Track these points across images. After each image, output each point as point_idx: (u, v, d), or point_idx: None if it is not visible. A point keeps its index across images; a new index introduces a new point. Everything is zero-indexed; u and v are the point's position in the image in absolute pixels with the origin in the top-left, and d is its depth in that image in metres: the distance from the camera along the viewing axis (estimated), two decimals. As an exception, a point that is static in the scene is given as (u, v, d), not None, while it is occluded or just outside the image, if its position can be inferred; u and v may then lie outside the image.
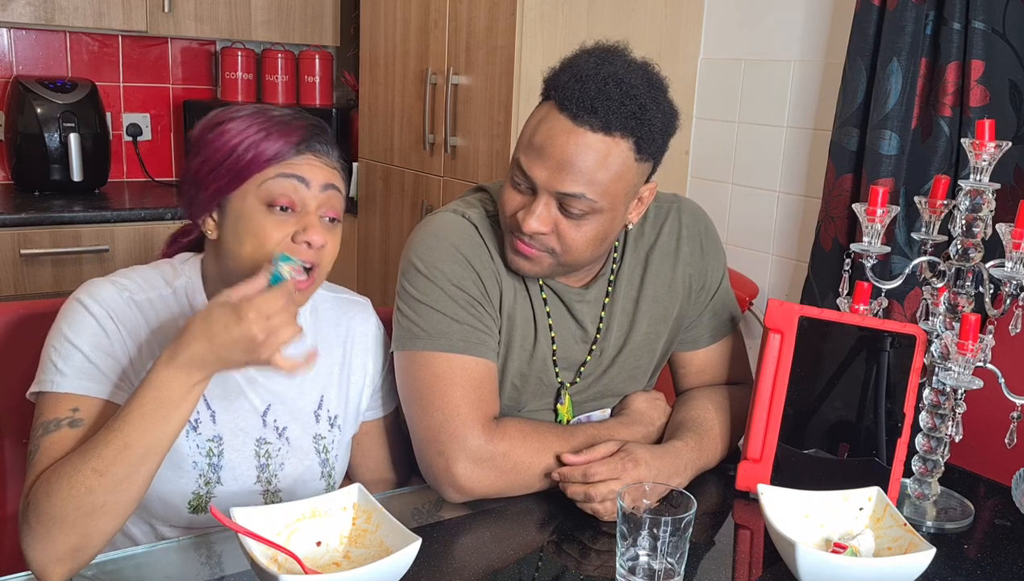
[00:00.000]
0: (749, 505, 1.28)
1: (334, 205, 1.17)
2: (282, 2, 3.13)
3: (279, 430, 1.23)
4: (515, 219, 1.22)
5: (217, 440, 1.18)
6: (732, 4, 2.55)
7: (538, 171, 1.18)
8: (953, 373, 1.17)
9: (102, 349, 1.10)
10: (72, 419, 1.06)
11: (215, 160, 1.14)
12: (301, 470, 1.25)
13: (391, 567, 0.95)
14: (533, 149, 1.19)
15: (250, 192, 1.13)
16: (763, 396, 1.29)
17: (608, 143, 1.17)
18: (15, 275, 2.56)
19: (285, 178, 1.13)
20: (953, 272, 1.22)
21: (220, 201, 1.15)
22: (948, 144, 1.92)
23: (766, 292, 2.50)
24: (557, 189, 1.18)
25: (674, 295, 1.41)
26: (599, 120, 1.16)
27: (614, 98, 1.16)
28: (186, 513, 1.18)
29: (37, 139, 2.79)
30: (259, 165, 1.13)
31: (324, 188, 1.15)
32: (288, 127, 1.15)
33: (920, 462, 1.27)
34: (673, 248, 1.40)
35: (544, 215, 1.19)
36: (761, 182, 2.52)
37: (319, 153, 1.17)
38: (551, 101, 1.20)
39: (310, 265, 1.13)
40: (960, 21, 1.86)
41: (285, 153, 1.14)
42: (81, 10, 2.79)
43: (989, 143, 1.18)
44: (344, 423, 1.31)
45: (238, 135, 1.14)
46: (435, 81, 2.61)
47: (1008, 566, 1.15)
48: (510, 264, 1.28)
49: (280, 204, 1.12)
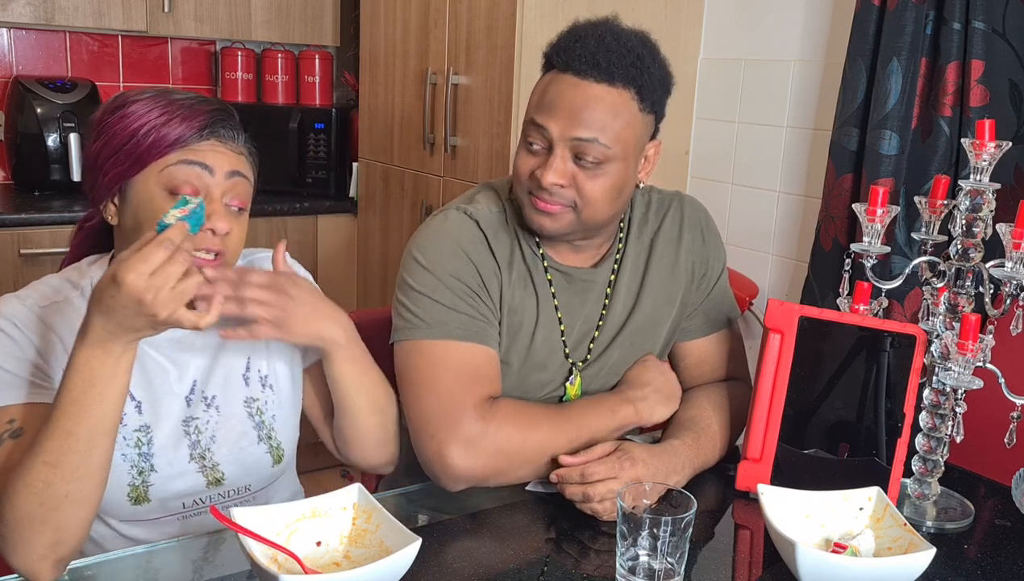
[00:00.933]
0: (749, 505, 1.28)
1: (239, 193, 1.15)
2: (282, 2, 3.13)
3: (207, 401, 1.22)
4: (533, 178, 1.26)
5: (144, 429, 1.17)
6: (732, 4, 2.55)
7: (552, 122, 1.24)
8: (953, 373, 1.17)
9: (13, 356, 1.09)
10: (11, 430, 1.06)
11: (115, 144, 1.12)
12: (235, 437, 1.23)
13: (391, 567, 0.95)
14: (544, 106, 1.25)
15: (151, 178, 1.11)
16: (763, 396, 1.29)
17: (612, 93, 1.24)
18: (15, 275, 2.56)
19: (188, 165, 1.11)
20: (953, 272, 1.22)
21: (121, 186, 1.13)
22: (948, 144, 1.92)
23: (766, 292, 2.50)
24: (572, 136, 1.23)
25: (678, 280, 1.44)
26: (602, 72, 1.23)
27: (613, 50, 1.23)
28: (128, 506, 1.16)
29: (37, 139, 2.79)
30: (160, 150, 1.11)
31: (229, 175, 1.14)
32: (191, 111, 1.13)
33: (920, 462, 1.27)
34: (676, 235, 1.45)
35: (561, 167, 1.24)
36: (761, 182, 2.52)
37: (224, 138, 1.15)
38: (554, 69, 1.27)
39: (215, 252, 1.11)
40: (960, 21, 1.86)
41: (188, 138, 1.12)
42: (81, 10, 2.79)
43: (989, 143, 1.18)
44: (277, 380, 1.28)
45: (139, 118, 1.12)
46: (435, 81, 2.61)
47: (1008, 566, 1.15)
48: (532, 225, 1.31)
49: (183, 192, 1.10)
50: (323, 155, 3.11)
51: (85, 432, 0.97)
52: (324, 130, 3.11)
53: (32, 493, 0.97)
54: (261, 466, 1.25)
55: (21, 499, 0.97)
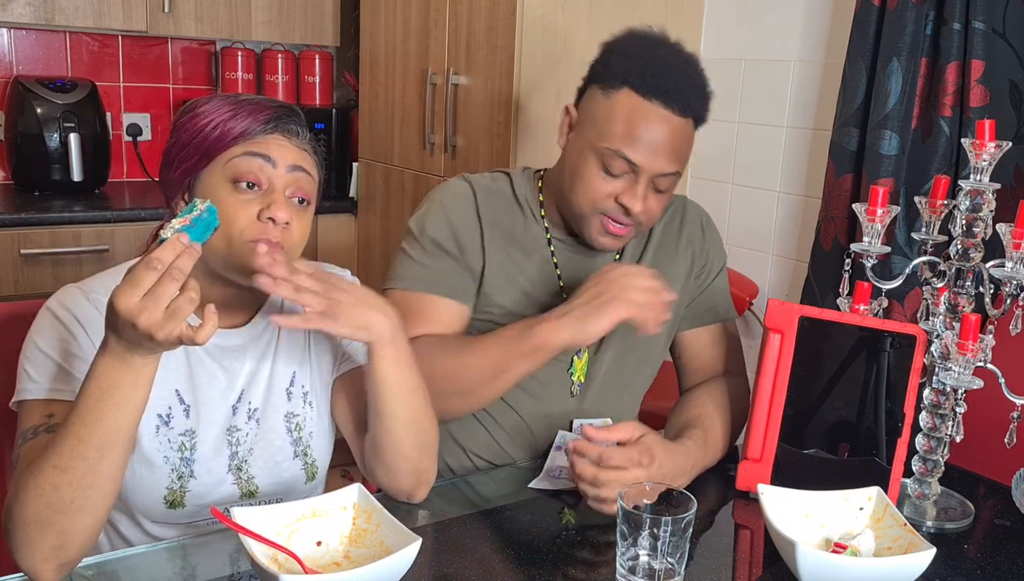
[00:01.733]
0: (749, 505, 1.28)
1: (303, 186, 1.16)
2: (282, 2, 3.13)
3: (250, 413, 1.21)
4: (613, 202, 1.34)
5: (190, 434, 1.17)
6: (732, 4, 2.55)
7: (642, 156, 1.31)
8: (953, 373, 1.17)
9: (71, 353, 1.10)
10: (48, 425, 1.06)
11: (184, 140, 1.14)
12: (272, 451, 1.22)
13: (391, 567, 0.95)
14: (634, 139, 1.31)
15: (217, 171, 1.13)
16: (763, 396, 1.29)
17: (687, 125, 1.34)
18: (15, 275, 2.56)
19: (251, 157, 1.12)
20: (953, 272, 1.22)
21: (191, 181, 1.15)
22: (948, 144, 1.92)
23: (766, 292, 2.50)
24: (659, 171, 1.32)
25: (677, 269, 1.50)
26: (682, 104, 1.32)
27: (695, 85, 1.34)
28: (163, 508, 1.17)
29: (37, 139, 2.79)
30: (226, 143, 1.12)
31: (291, 169, 1.14)
32: (257, 107, 1.15)
33: (920, 462, 1.27)
34: (677, 226, 1.53)
35: (647, 195, 1.34)
36: (761, 182, 2.52)
37: (288, 134, 1.16)
38: (630, 88, 1.32)
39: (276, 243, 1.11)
40: (960, 21, 1.86)
41: (252, 131, 1.13)
42: (81, 10, 2.78)
43: (989, 143, 1.18)
44: (317, 396, 1.28)
45: (208, 115, 1.14)
46: (435, 81, 2.61)
47: (1008, 566, 1.15)
48: (595, 245, 1.40)
49: (246, 180, 1.11)
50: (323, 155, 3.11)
51: (97, 440, 0.96)
52: (324, 130, 3.11)
53: (40, 495, 0.97)
54: (295, 482, 1.25)
55: (29, 499, 0.97)
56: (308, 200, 1.17)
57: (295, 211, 1.14)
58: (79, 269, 2.64)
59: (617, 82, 1.33)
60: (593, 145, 1.33)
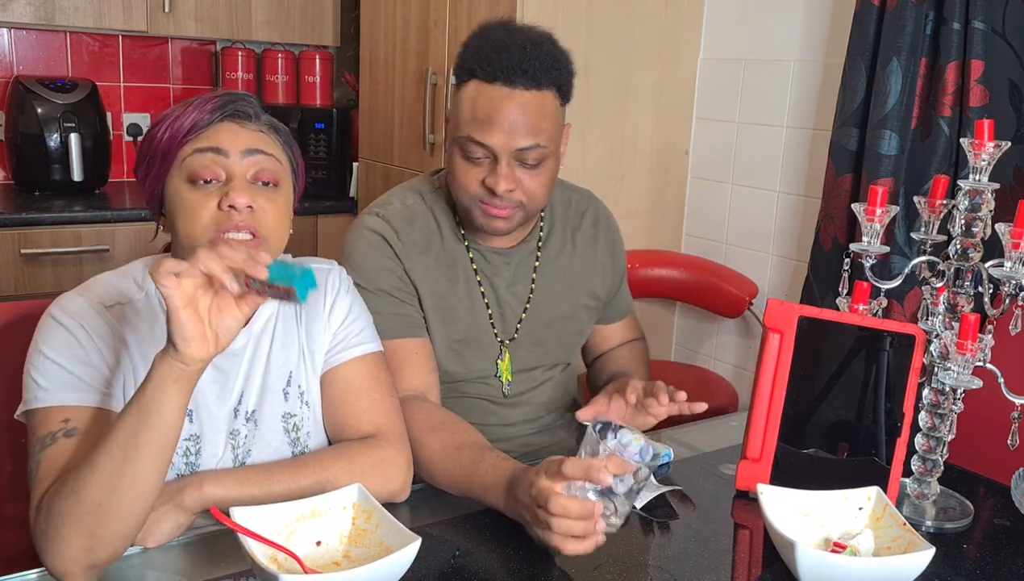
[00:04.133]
0: (749, 505, 1.28)
1: (266, 168, 1.13)
2: (282, 2, 3.14)
3: (248, 414, 1.21)
4: (483, 187, 1.37)
5: (194, 439, 1.17)
6: (732, 4, 2.55)
7: (494, 138, 1.33)
8: (952, 373, 1.18)
9: (78, 359, 1.09)
10: (66, 430, 1.06)
11: (143, 152, 1.14)
12: (270, 452, 1.22)
13: (391, 567, 0.95)
14: (480, 122, 1.34)
15: (175, 174, 1.12)
16: (763, 396, 1.29)
17: (540, 96, 1.35)
18: (15, 275, 2.56)
19: (201, 153, 1.11)
20: (952, 272, 1.22)
21: (159, 191, 1.14)
22: (948, 144, 1.92)
23: (766, 292, 2.50)
24: (515, 147, 1.34)
25: (595, 273, 1.61)
26: (530, 79, 1.33)
27: (535, 56, 1.33)
28: None
29: (37, 139, 2.79)
30: (177, 143, 1.11)
31: (247, 153, 1.12)
32: (204, 101, 1.14)
33: (919, 462, 1.27)
34: (592, 234, 1.61)
35: (509, 174, 1.35)
36: (761, 182, 2.52)
37: (240, 118, 1.14)
38: (477, 79, 1.35)
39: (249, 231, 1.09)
40: (960, 21, 1.86)
41: (199, 125, 1.12)
42: (81, 10, 2.79)
43: (988, 143, 1.18)
44: (312, 397, 1.27)
45: (162, 123, 1.14)
46: (435, 81, 2.61)
47: (1008, 566, 1.15)
48: (485, 228, 1.42)
49: (201, 177, 1.10)
50: (323, 155, 3.12)
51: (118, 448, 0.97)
52: (324, 130, 3.11)
53: (73, 491, 0.97)
54: None
55: (62, 496, 0.98)
56: (274, 182, 1.14)
57: (260, 193, 1.12)
58: (79, 269, 2.64)
59: (465, 75, 1.38)
60: (453, 137, 1.39)
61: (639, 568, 1.10)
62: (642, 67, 2.55)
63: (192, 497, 1.09)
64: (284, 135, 1.20)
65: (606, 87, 2.51)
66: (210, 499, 1.09)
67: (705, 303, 2.63)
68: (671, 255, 2.72)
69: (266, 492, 1.12)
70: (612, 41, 2.48)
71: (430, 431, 1.30)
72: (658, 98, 2.62)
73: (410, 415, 1.32)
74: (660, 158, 2.67)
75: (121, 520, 0.99)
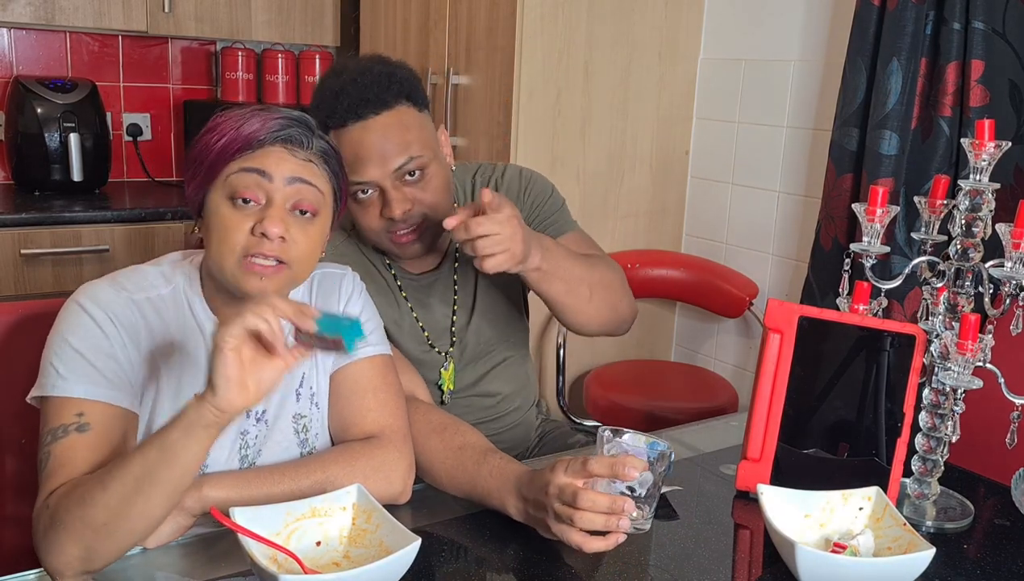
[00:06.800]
0: (749, 505, 1.28)
1: (306, 198, 1.13)
2: (282, 2, 3.13)
3: (258, 414, 1.21)
4: (383, 219, 1.40)
5: None
6: (732, 4, 2.55)
7: (370, 171, 1.36)
8: (953, 373, 1.18)
9: (103, 352, 1.09)
10: (79, 424, 1.06)
11: (193, 156, 1.13)
12: (279, 451, 1.22)
13: (391, 567, 0.95)
14: (354, 165, 1.35)
15: (219, 187, 1.11)
16: (763, 396, 1.29)
17: (393, 114, 1.37)
18: (15, 275, 2.56)
19: (247, 172, 1.10)
20: (953, 272, 1.22)
21: (202, 197, 1.14)
22: (948, 144, 1.93)
23: (766, 292, 2.50)
24: (391, 169, 1.36)
25: None
26: (374, 104, 1.35)
27: (370, 83, 1.36)
28: None
29: (37, 139, 2.79)
30: (225, 158, 1.11)
31: (290, 181, 1.12)
32: (261, 118, 1.12)
33: (920, 462, 1.27)
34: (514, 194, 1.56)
35: (399, 197, 1.37)
36: (761, 182, 2.52)
37: (291, 145, 1.13)
38: (333, 129, 1.36)
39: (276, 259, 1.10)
40: (960, 21, 1.86)
41: (250, 145, 1.11)
42: (81, 10, 2.78)
43: (989, 143, 1.18)
44: (321, 398, 1.27)
45: (216, 130, 1.12)
46: (435, 81, 2.61)
47: (1008, 566, 1.15)
48: (404, 256, 1.47)
49: (241, 197, 1.10)
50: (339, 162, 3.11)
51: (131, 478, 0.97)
52: (324, 130, 3.11)
53: (78, 504, 0.98)
54: None
55: (69, 506, 0.98)
56: (312, 212, 1.14)
57: (295, 223, 1.12)
58: (79, 269, 2.64)
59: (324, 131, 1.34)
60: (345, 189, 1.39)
61: (639, 568, 1.10)
62: (642, 67, 2.55)
63: (193, 499, 1.09)
64: (333, 164, 1.19)
65: (606, 87, 2.51)
66: (210, 501, 1.09)
67: (705, 303, 2.63)
68: (671, 255, 2.72)
69: (267, 494, 1.12)
70: (612, 41, 2.48)
71: (430, 432, 1.30)
72: (658, 98, 2.62)
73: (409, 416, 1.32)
74: (660, 158, 2.67)
75: (122, 540, 1.00)
